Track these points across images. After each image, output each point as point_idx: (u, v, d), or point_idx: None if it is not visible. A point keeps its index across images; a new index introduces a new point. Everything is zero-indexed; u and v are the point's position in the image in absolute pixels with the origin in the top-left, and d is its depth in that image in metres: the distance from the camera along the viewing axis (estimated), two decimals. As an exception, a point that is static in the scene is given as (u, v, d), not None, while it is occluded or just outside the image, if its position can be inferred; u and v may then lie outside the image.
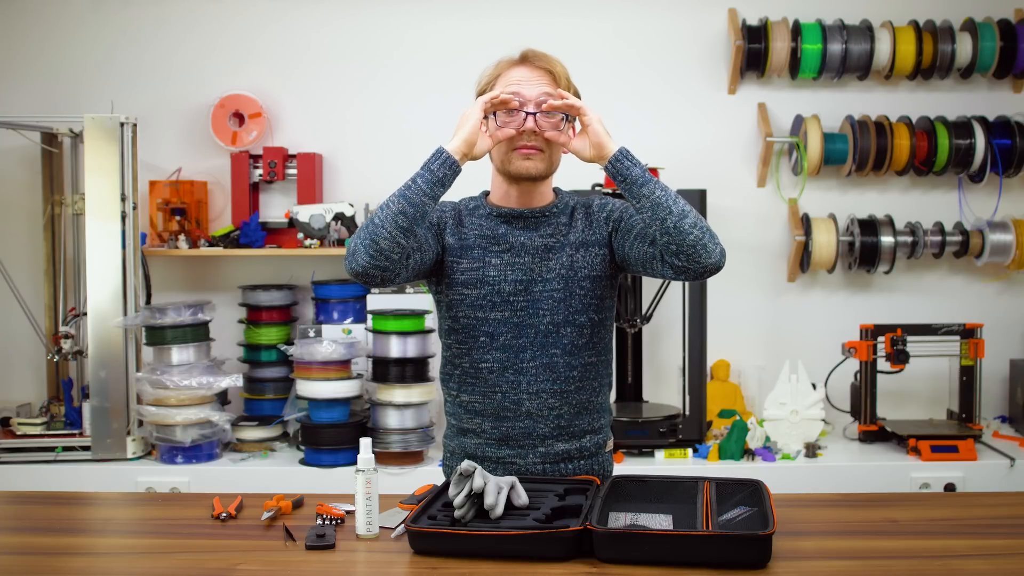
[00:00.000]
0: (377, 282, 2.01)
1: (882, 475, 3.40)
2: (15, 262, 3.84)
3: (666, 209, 1.95)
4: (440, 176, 2.00)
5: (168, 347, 3.56)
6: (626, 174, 1.99)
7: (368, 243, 1.96)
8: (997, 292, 4.01)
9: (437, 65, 3.94)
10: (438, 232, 2.17)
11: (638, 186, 1.98)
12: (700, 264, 1.97)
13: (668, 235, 1.95)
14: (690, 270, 1.98)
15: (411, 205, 1.97)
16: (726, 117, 3.96)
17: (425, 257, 2.10)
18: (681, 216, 1.95)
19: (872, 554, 1.84)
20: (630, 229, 2.10)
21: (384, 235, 1.96)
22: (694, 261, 1.96)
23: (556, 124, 2.09)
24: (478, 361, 2.15)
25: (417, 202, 1.98)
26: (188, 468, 3.47)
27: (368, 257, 1.96)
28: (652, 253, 2.02)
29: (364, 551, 1.89)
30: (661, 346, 3.95)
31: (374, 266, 1.97)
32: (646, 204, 1.97)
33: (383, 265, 1.97)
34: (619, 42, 3.95)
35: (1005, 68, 3.86)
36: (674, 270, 1.99)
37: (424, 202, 1.98)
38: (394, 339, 3.50)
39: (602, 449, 2.23)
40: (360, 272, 1.98)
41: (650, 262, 2.04)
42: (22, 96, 3.94)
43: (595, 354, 2.18)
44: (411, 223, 1.97)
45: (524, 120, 2.08)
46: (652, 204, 1.97)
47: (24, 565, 1.86)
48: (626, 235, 2.11)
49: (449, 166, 2.00)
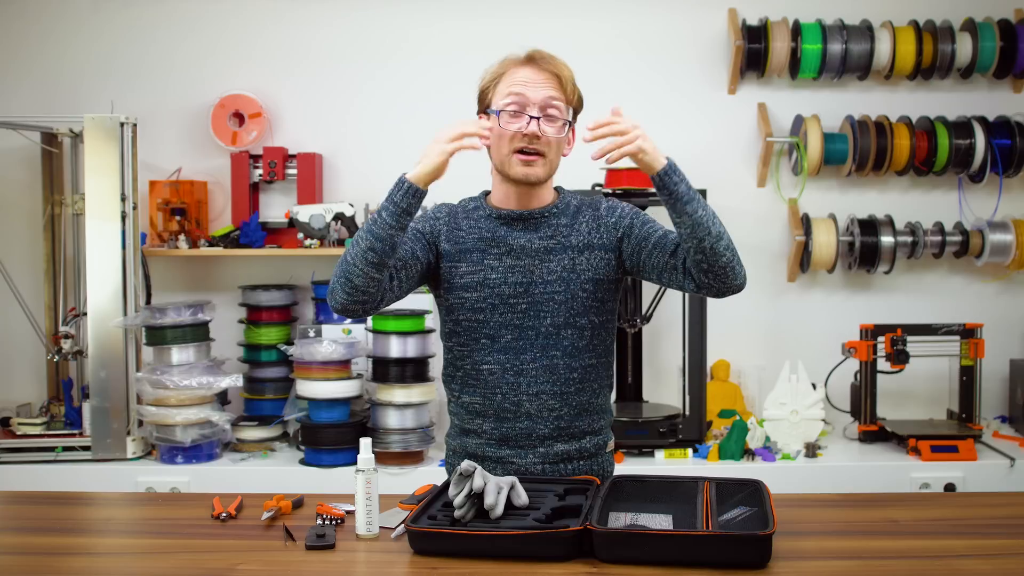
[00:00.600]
0: (360, 314, 2.06)
1: (882, 475, 3.40)
2: (15, 262, 3.84)
3: (705, 230, 1.96)
4: (404, 207, 1.99)
5: (168, 347, 3.56)
6: (673, 189, 1.97)
7: (343, 282, 2.01)
8: (997, 292, 4.01)
9: (437, 65, 3.94)
10: (430, 242, 2.16)
11: (683, 203, 1.96)
12: (726, 285, 1.99)
13: (703, 254, 1.96)
14: (714, 288, 2.00)
15: (379, 240, 1.98)
16: (726, 117, 3.96)
17: (411, 273, 2.10)
18: (718, 238, 1.97)
19: (872, 554, 1.84)
20: (647, 237, 2.09)
21: (357, 272, 1.99)
22: (721, 281, 1.99)
23: (559, 129, 2.09)
24: (479, 363, 2.15)
25: (384, 236, 1.99)
26: (188, 468, 3.47)
27: (345, 295, 2.01)
28: (673, 264, 2.03)
29: (364, 551, 1.89)
30: (661, 346, 3.95)
31: (353, 302, 2.02)
32: (687, 221, 1.97)
33: (361, 300, 2.02)
34: (619, 42, 3.95)
35: (1005, 68, 3.86)
36: (698, 286, 2.01)
37: (392, 235, 1.99)
38: (394, 339, 3.50)
39: (602, 450, 2.22)
40: (340, 309, 2.04)
41: (670, 273, 2.04)
42: (22, 96, 3.94)
43: (596, 356, 2.18)
44: (381, 257, 1.99)
45: (528, 123, 2.06)
46: (694, 223, 1.96)
47: (24, 565, 1.86)
48: (642, 243, 2.09)
49: (413, 194, 1.99)
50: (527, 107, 2.07)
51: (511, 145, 2.09)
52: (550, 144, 2.09)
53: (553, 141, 2.09)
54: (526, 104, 2.06)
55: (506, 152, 2.10)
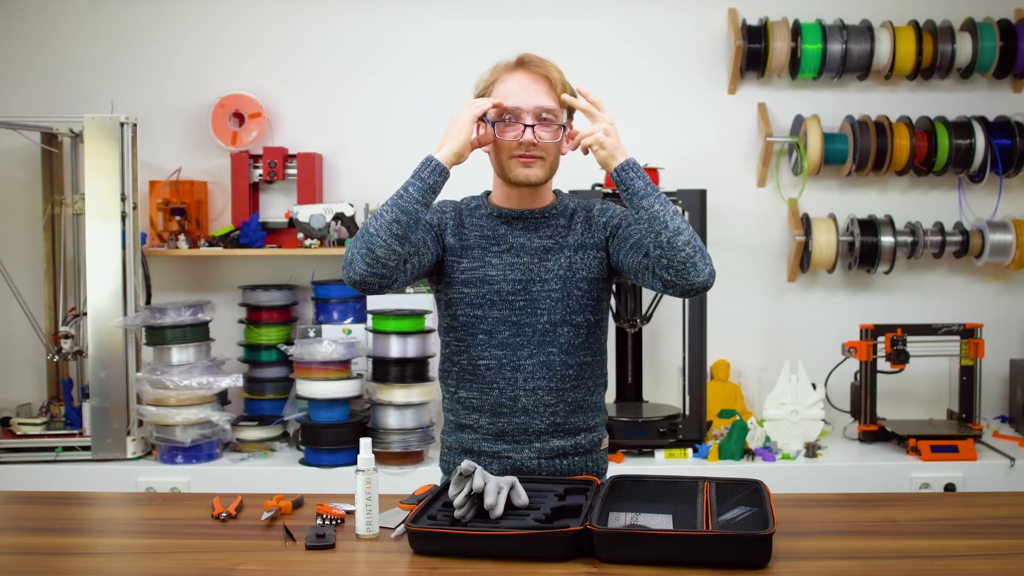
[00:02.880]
0: (375, 289, 2.04)
1: (882, 475, 3.40)
2: (15, 262, 3.84)
3: (662, 224, 1.99)
4: (431, 183, 2.04)
5: (168, 347, 3.56)
6: (629, 184, 2.03)
7: (364, 252, 2.00)
8: (997, 292, 4.01)
9: (437, 64, 3.94)
10: (438, 234, 2.19)
11: (639, 198, 2.02)
12: (688, 281, 2.00)
13: (661, 249, 1.99)
14: (677, 285, 2.01)
15: (404, 213, 2.01)
16: (726, 117, 3.96)
17: (423, 260, 2.13)
18: (676, 233, 1.99)
19: (872, 554, 1.84)
20: (627, 238, 2.13)
21: (380, 243, 1.99)
22: (682, 277, 2.00)
23: (555, 133, 2.12)
24: (476, 358, 2.17)
25: (410, 210, 2.02)
26: (188, 468, 3.47)
27: (365, 266, 2.00)
28: (645, 264, 2.06)
29: (364, 551, 1.89)
30: (661, 346, 3.95)
31: (372, 274, 2.01)
32: (644, 216, 2.01)
33: (380, 272, 2.01)
34: (619, 42, 3.95)
35: (1005, 68, 3.86)
36: (663, 284, 2.03)
37: (417, 209, 2.02)
38: (394, 339, 3.50)
39: (597, 447, 2.25)
40: (358, 281, 2.02)
41: (642, 273, 2.07)
42: (22, 96, 3.94)
43: (591, 354, 2.21)
44: (405, 230, 2.01)
45: (523, 131, 2.10)
46: (650, 217, 2.00)
47: (24, 565, 1.86)
48: (622, 243, 2.13)
49: (439, 173, 2.05)
50: (521, 116, 2.10)
51: (509, 152, 2.13)
52: (547, 148, 2.13)
53: (550, 145, 2.12)
54: (520, 113, 2.10)
55: (505, 158, 2.14)
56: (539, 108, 2.10)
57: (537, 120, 2.11)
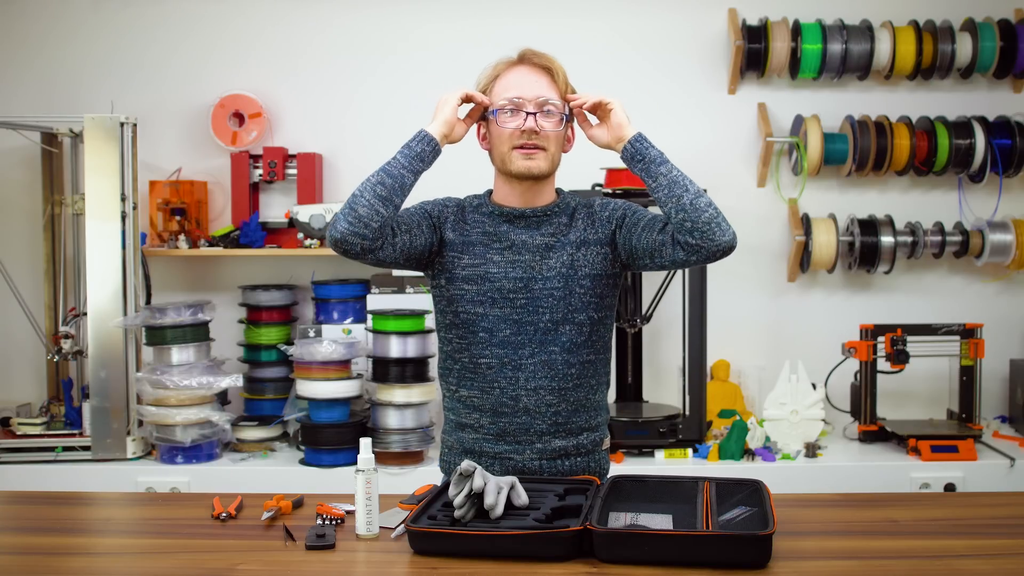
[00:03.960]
0: (357, 251, 2.04)
1: (882, 475, 3.40)
2: (15, 262, 3.84)
3: (683, 187, 2.01)
4: (418, 151, 2.08)
5: (168, 347, 3.56)
6: (645, 153, 2.06)
7: (347, 211, 2.02)
8: (997, 292, 4.01)
9: (437, 64, 3.93)
10: (436, 224, 2.18)
11: (656, 165, 2.05)
12: (714, 243, 2.00)
13: (684, 212, 2.00)
14: (703, 249, 2.01)
15: (389, 176, 2.05)
16: (726, 117, 3.96)
17: (415, 242, 2.12)
18: (697, 195, 2.01)
19: (872, 554, 1.84)
20: (636, 222, 2.13)
21: (363, 203, 2.02)
22: (708, 239, 2.00)
23: (556, 123, 2.12)
24: (477, 356, 2.16)
25: (396, 173, 2.05)
26: (188, 468, 3.47)
27: (347, 224, 2.01)
28: (661, 240, 2.06)
29: (364, 551, 1.89)
30: (661, 346, 3.95)
31: (353, 233, 2.01)
32: (663, 182, 2.02)
33: (362, 233, 2.01)
34: (619, 42, 3.95)
35: (1005, 68, 3.86)
36: (685, 250, 2.02)
37: (403, 174, 2.06)
38: (394, 339, 3.50)
39: (599, 447, 2.24)
40: (339, 239, 2.03)
41: (659, 250, 2.07)
42: (22, 96, 3.94)
43: (594, 352, 2.19)
44: (390, 192, 2.03)
45: (525, 120, 2.09)
46: (670, 182, 2.02)
47: (24, 565, 1.86)
48: (633, 228, 2.13)
49: (427, 142, 2.09)
50: (523, 106, 2.11)
51: (511, 142, 2.12)
52: (549, 138, 2.12)
53: (552, 135, 2.12)
54: (522, 103, 2.11)
55: (506, 149, 2.13)
56: (541, 98, 2.11)
57: (539, 110, 2.11)
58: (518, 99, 2.10)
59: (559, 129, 2.13)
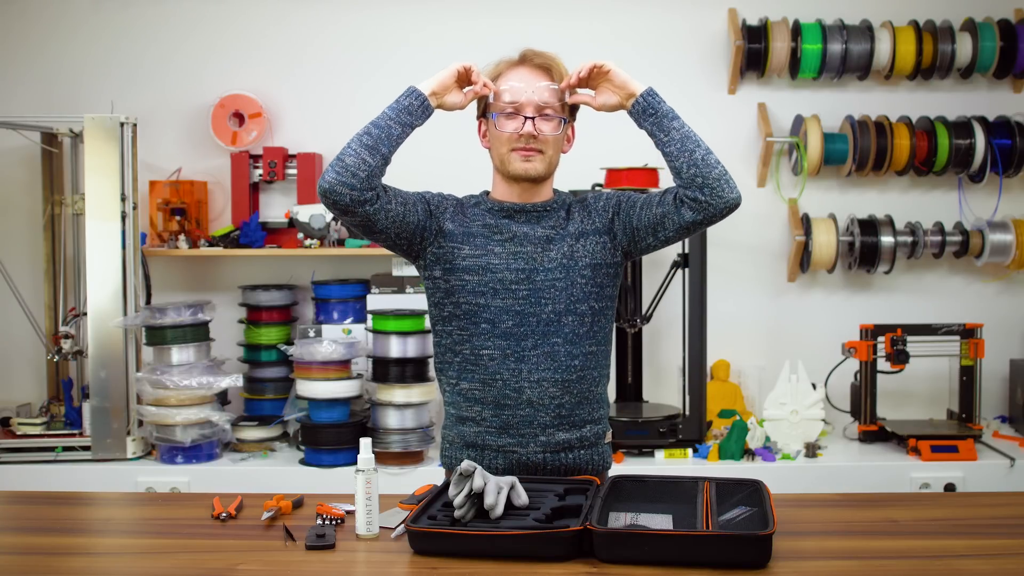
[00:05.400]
0: (347, 202, 2.04)
1: (882, 475, 3.40)
2: (15, 262, 3.84)
3: (695, 142, 2.05)
4: (406, 104, 2.11)
5: (168, 347, 3.56)
6: (657, 108, 2.07)
7: (335, 162, 2.06)
8: (997, 292, 4.01)
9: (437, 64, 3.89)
10: (432, 212, 2.17)
11: (668, 119, 2.07)
12: (722, 199, 2.03)
13: (696, 167, 2.03)
14: (712, 205, 2.04)
15: (376, 127, 2.09)
16: (726, 117, 3.96)
17: (408, 217, 2.12)
18: (707, 151, 2.05)
19: (872, 554, 1.84)
20: (633, 204, 2.15)
21: (350, 152, 2.05)
22: (717, 195, 2.03)
23: (555, 127, 2.13)
24: (479, 348, 2.15)
25: (383, 125, 2.09)
26: (188, 468, 3.47)
27: (334, 174, 2.04)
28: (663, 212, 2.08)
29: (364, 551, 1.89)
30: (661, 346, 3.95)
31: (340, 183, 2.03)
32: (675, 136, 2.05)
33: (350, 183, 2.03)
34: (619, 42, 3.95)
35: (1005, 68, 3.86)
36: (692, 208, 2.04)
37: (390, 126, 2.09)
38: (394, 339, 3.50)
39: (601, 440, 2.24)
40: (327, 189, 2.04)
41: (661, 222, 2.09)
42: (22, 96, 3.94)
43: (595, 343, 2.19)
44: (376, 141, 2.06)
45: (523, 124, 2.10)
46: (682, 136, 2.05)
47: (24, 565, 1.86)
48: (630, 210, 2.15)
49: (415, 96, 2.12)
50: (522, 109, 2.11)
51: (509, 144, 2.13)
52: (547, 141, 2.13)
53: (551, 138, 2.12)
54: (521, 107, 2.11)
55: (505, 151, 2.14)
56: (540, 102, 2.11)
57: (538, 113, 2.11)
58: (517, 103, 2.11)
59: (557, 133, 2.13)
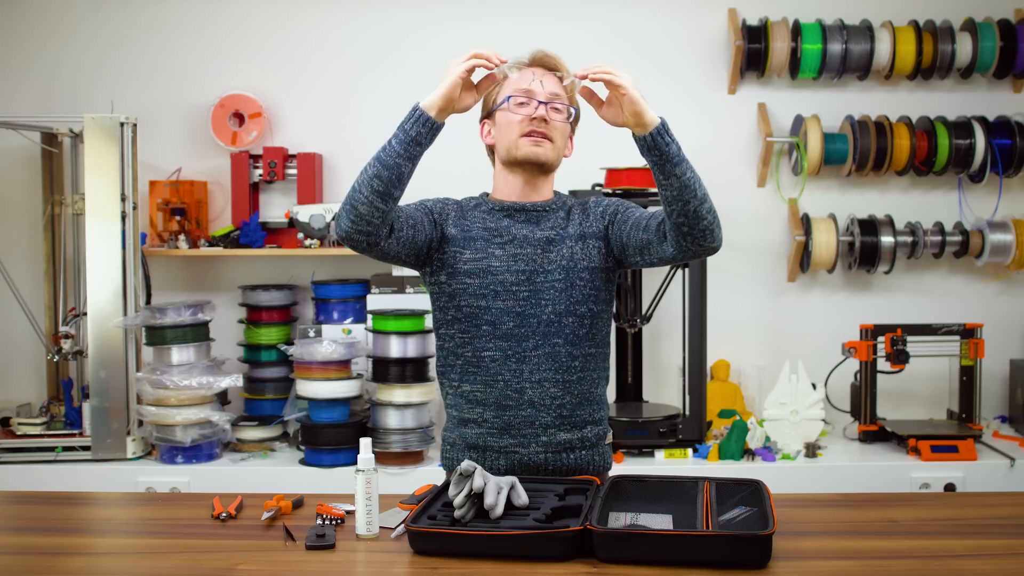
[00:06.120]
0: (363, 246, 2.06)
1: (882, 475, 3.40)
2: (15, 262, 3.84)
3: (692, 192, 1.99)
4: (414, 135, 2.01)
5: (168, 347, 3.56)
6: (665, 150, 2.00)
7: (348, 208, 2.03)
8: (997, 292, 4.01)
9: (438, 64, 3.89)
10: (437, 220, 2.19)
11: (672, 164, 2.00)
12: (702, 247, 2.04)
13: (685, 217, 2.00)
14: (691, 251, 2.04)
15: (385, 168, 2.01)
16: (726, 117, 3.96)
17: (417, 237, 2.13)
18: (702, 201, 2.01)
19: (872, 554, 1.84)
20: (626, 220, 2.16)
21: (362, 200, 2.01)
22: (699, 244, 2.03)
23: (564, 118, 2.18)
24: (480, 350, 2.17)
25: (391, 164, 2.01)
26: (188, 468, 3.47)
27: (349, 222, 2.03)
28: (648, 239, 2.09)
29: (364, 551, 1.89)
30: (661, 346, 3.95)
31: (356, 231, 2.03)
32: (675, 184, 1.99)
33: (365, 230, 2.03)
34: (619, 42, 3.95)
35: (1005, 68, 3.86)
36: (673, 245, 2.04)
37: (399, 164, 2.01)
38: (394, 339, 3.50)
39: (602, 440, 2.25)
40: (344, 237, 2.05)
41: (647, 248, 2.11)
42: (22, 96, 3.94)
43: (595, 345, 2.21)
44: (387, 186, 2.01)
45: (536, 108, 2.13)
46: (681, 185, 1.99)
47: (24, 565, 1.86)
48: (623, 225, 2.16)
49: (424, 123, 2.01)
50: (535, 95, 2.15)
51: (520, 129, 2.15)
52: (556, 130, 2.16)
53: (559, 127, 2.16)
54: (533, 94, 2.15)
55: (514, 136, 2.16)
56: (551, 93, 2.15)
57: (549, 102, 2.15)
58: (529, 91, 2.14)
59: (566, 123, 2.18)
